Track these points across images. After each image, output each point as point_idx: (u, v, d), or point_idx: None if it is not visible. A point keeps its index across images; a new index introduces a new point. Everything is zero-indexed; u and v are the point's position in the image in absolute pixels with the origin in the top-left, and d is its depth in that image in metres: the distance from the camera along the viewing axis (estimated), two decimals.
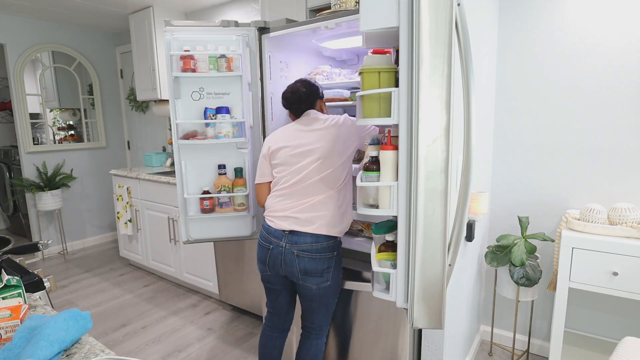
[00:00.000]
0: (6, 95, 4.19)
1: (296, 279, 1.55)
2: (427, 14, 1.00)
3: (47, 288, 1.25)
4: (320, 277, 1.53)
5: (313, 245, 1.49)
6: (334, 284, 1.58)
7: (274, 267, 1.58)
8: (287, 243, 1.52)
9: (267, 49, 1.98)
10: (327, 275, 1.54)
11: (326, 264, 1.52)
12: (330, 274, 1.54)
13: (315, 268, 1.51)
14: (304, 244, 1.50)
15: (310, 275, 1.52)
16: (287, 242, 1.52)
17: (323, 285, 1.54)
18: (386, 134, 1.21)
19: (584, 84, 1.90)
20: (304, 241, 1.50)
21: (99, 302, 2.97)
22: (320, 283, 1.54)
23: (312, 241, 1.49)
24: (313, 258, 1.50)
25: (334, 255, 1.54)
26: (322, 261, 1.51)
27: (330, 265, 1.53)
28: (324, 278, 1.53)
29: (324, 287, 1.55)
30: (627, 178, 1.85)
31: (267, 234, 1.58)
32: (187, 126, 1.98)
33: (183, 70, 1.88)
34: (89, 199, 4.30)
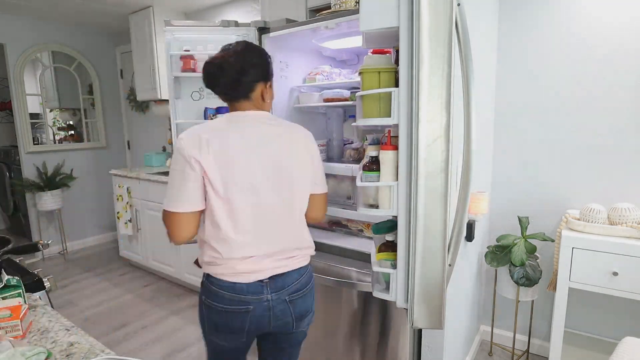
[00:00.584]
0: (6, 95, 4.19)
1: (289, 330, 1.24)
2: (427, 14, 1.00)
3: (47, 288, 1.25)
4: (312, 312, 1.29)
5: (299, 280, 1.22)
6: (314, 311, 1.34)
7: (258, 330, 1.20)
8: (273, 293, 1.16)
9: (267, 49, 1.97)
10: (313, 306, 1.30)
11: (313, 295, 1.29)
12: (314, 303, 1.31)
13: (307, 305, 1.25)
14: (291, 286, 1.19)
15: (304, 317, 1.25)
16: (273, 292, 1.16)
17: (312, 319, 1.31)
18: (386, 134, 1.21)
19: (584, 84, 1.90)
20: (288, 282, 1.19)
21: (99, 302, 2.97)
22: (311, 319, 1.30)
23: (297, 277, 1.21)
24: (304, 296, 1.23)
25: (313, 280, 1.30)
26: (311, 295, 1.27)
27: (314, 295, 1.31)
28: (312, 312, 1.30)
29: (311, 321, 1.31)
30: (627, 178, 1.85)
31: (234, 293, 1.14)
32: (188, 126, 1.98)
33: (183, 70, 1.88)
34: (89, 199, 4.30)
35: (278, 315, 1.19)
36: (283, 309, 1.19)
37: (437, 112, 1.03)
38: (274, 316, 1.18)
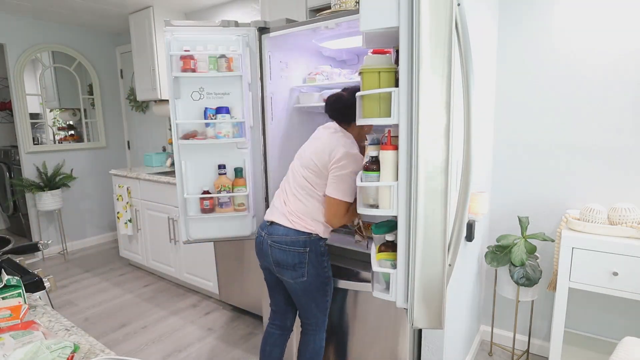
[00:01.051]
0: (6, 95, 4.20)
1: (274, 271, 1.60)
2: (427, 14, 1.00)
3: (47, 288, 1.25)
4: (294, 271, 1.54)
5: (283, 237, 1.53)
6: (314, 281, 1.57)
7: (259, 257, 1.65)
8: (266, 233, 1.58)
9: (267, 49, 1.97)
10: (300, 271, 1.54)
11: (297, 258, 1.53)
12: (304, 270, 1.54)
13: (286, 260, 1.54)
14: (276, 235, 1.55)
15: (282, 267, 1.56)
16: (266, 233, 1.58)
17: (299, 280, 1.55)
18: (386, 134, 1.21)
19: (584, 84, 1.90)
20: (276, 232, 1.55)
21: (99, 302, 2.97)
22: (296, 277, 1.55)
23: (283, 233, 1.54)
24: (283, 250, 1.54)
25: (306, 251, 1.53)
26: (292, 254, 1.53)
27: (303, 261, 1.53)
28: (298, 273, 1.54)
29: (301, 282, 1.56)
30: (627, 178, 1.85)
31: (261, 225, 1.67)
32: (187, 126, 1.98)
33: (183, 70, 1.88)
34: (89, 199, 4.30)
35: (264, 252, 1.60)
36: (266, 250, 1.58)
37: (437, 112, 1.03)
38: (263, 251, 1.61)
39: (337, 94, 1.63)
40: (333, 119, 1.65)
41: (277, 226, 1.56)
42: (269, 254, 1.57)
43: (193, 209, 2.03)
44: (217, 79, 1.94)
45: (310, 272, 1.55)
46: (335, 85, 2.05)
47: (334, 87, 2.06)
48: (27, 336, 0.81)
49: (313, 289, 1.59)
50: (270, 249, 1.56)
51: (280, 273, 1.58)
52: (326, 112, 1.66)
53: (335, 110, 1.62)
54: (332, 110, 1.64)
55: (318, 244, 1.56)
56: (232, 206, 2.04)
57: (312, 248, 1.54)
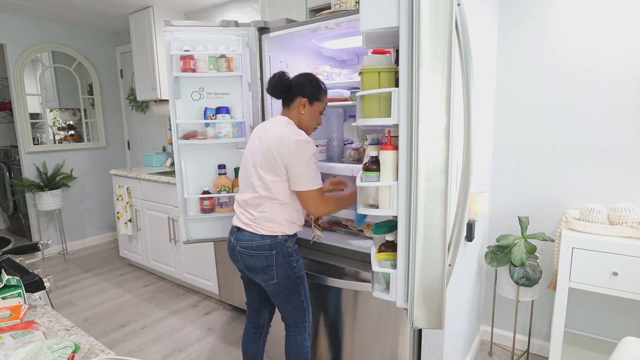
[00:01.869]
0: (6, 95, 4.20)
1: (247, 274, 1.63)
2: (427, 14, 1.00)
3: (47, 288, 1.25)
4: (263, 274, 1.55)
5: (250, 242, 1.53)
6: (284, 283, 1.57)
7: (232, 260, 1.65)
8: (235, 239, 1.58)
9: (267, 49, 1.97)
10: (270, 274, 1.54)
11: (265, 261, 1.53)
12: (273, 273, 1.54)
13: (254, 265, 1.54)
14: (243, 241, 1.55)
15: (252, 271, 1.57)
16: (235, 239, 1.58)
17: (270, 282, 1.56)
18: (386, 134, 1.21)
19: (584, 84, 1.90)
20: (243, 238, 1.55)
21: (99, 302, 2.97)
22: (266, 280, 1.56)
23: (249, 239, 1.53)
24: (251, 255, 1.54)
25: (273, 254, 1.53)
26: (259, 259, 1.53)
27: (271, 264, 1.53)
28: (268, 276, 1.55)
29: (273, 284, 1.57)
30: (627, 178, 1.85)
31: (230, 229, 1.66)
32: (187, 126, 1.98)
33: (183, 70, 1.88)
34: (89, 199, 4.30)
35: (236, 257, 1.60)
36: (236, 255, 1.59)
37: (437, 112, 1.03)
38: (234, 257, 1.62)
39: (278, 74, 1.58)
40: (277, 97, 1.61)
41: (243, 232, 1.55)
42: (239, 259, 1.58)
43: (193, 209, 2.03)
44: (217, 79, 1.94)
45: (279, 274, 1.55)
46: (335, 85, 2.05)
47: (334, 87, 2.06)
48: (27, 336, 0.81)
49: (285, 290, 1.58)
50: (240, 255, 1.57)
51: (252, 276, 1.60)
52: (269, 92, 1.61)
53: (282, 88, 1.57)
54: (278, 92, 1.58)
55: (285, 245, 1.55)
56: (232, 206, 2.04)
57: (278, 250, 1.53)
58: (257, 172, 1.52)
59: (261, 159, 1.51)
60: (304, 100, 1.57)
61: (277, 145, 1.47)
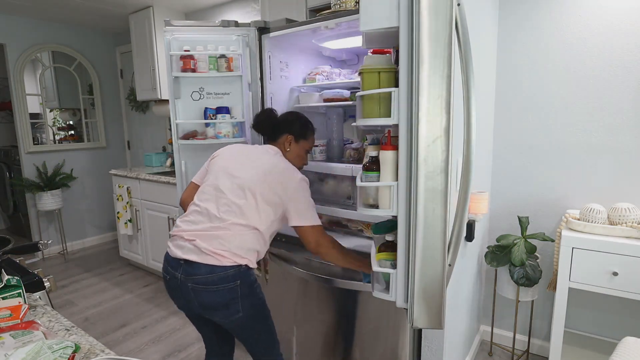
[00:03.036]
0: (6, 95, 4.20)
1: (200, 313, 1.36)
2: (427, 14, 1.00)
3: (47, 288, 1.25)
4: (226, 309, 1.32)
5: (210, 277, 1.28)
6: (251, 314, 1.37)
7: (174, 298, 1.39)
8: (182, 275, 1.30)
9: (267, 49, 1.98)
10: (234, 307, 1.32)
11: (229, 295, 1.30)
12: (238, 306, 1.33)
13: (216, 301, 1.30)
14: (200, 276, 1.28)
15: (212, 309, 1.32)
16: (183, 274, 1.30)
17: (234, 317, 1.34)
18: (386, 134, 1.21)
19: (584, 84, 1.90)
20: (199, 272, 1.28)
21: (99, 302, 2.97)
22: (230, 316, 1.34)
23: (208, 272, 1.28)
24: (210, 291, 1.29)
25: (237, 284, 1.31)
26: (222, 293, 1.30)
27: (235, 297, 1.31)
28: (232, 310, 1.32)
29: (237, 318, 1.35)
30: (627, 178, 1.85)
31: (165, 262, 1.38)
32: (187, 126, 1.98)
33: (183, 70, 1.88)
34: (89, 199, 4.30)
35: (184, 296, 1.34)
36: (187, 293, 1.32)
37: (437, 112, 1.03)
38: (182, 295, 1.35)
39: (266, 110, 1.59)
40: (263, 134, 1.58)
41: (197, 265, 1.29)
42: (192, 297, 1.31)
43: None
44: (217, 79, 1.94)
45: (245, 306, 1.34)
46: (335, 85, 2.05)
47: (334, 87, 2.06)
48: (27, 336, 0.81)
49: (251, 322, 1.39)
50: (194, 293, 1.30)
51: (211, 315, 1.35)
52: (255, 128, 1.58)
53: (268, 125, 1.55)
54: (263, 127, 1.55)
55: (248, 273, 1.35)
56: None
57: (242, 280, 1.33)
58: (242, 195, 1.35)
59: (259, 185, 1.36)
60: (290, 138, 1.52)
61: (281, 175, 1.39)
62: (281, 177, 1.39)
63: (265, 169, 1.40)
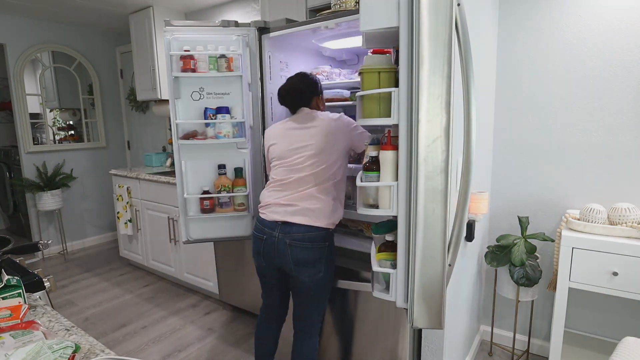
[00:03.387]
0: (6, 95, 4.19)
1: (289, 270, 1.56)
2: (427, 14, 1.00)
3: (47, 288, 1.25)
4: (313, 267, 1.54)
5: (305, 235, 1.51)
6: (326, 276, 1.59)
7: (268, 258, 1.60)
8: (280, 233, 1.54)
9: (267, 49, 1.98)
10: (319, 266, 1.55)
11: (318, 254, 1.53)
12: (322, 265, 1.55)
13: (308, 258, 1.53)
14: (296, 234, 1.51)
15: (302, 265, 1.54)
16: (280, 232, 1.54)
17: (316, 276, 1.55)
18: (386, 134, 1.21)
19: (584, 84, 1.90)
20: (296, 231, 1.52)
21: (99, 302, 2.97)
22: (314, 274, 1.55)
23: (304, 231, 1.51)
24: (305, 248, 1.52)
25: (326, 245, 1.55)
26: (314, 250, 1.53)
27: (323, 256, 1.55)
28: (317, 269, 1.55)
29: (317, 278, 1.56)
30: (627, 178, 1.85)
31: (261, 225, 1.61)
32: (187, 126, 1.98)
33: (183, 70, 1.88)
34: (89, 199, 4.30)
35: (280, 252, 1.54)
36: (284, 249, 1.53)
37: (437, 112, 1.03)
38: (277, 251, 1.55)
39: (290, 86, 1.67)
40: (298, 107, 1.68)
41: (293, 225, 1.52)
42: (287, 253, 1.53)
43: (193, 209, 2.03)
44: (217, 79, 1.94)
45: (326, 268, 1.57)
46: (335, 85, 2.05)
47: (334, 87, 2.06)
48: (27, 336, 0.81)
49: (323, 285, 1.59)
50: (290, 249, 1.52)
51: (299, 272, 1.55)
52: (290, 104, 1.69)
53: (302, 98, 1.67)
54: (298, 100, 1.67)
55: (333, 237, 1.60)
56: (232, 206, 2.04)
57: (330, 242, 1.58)
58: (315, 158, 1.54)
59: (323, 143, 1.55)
60: (318, 98, 1.71)
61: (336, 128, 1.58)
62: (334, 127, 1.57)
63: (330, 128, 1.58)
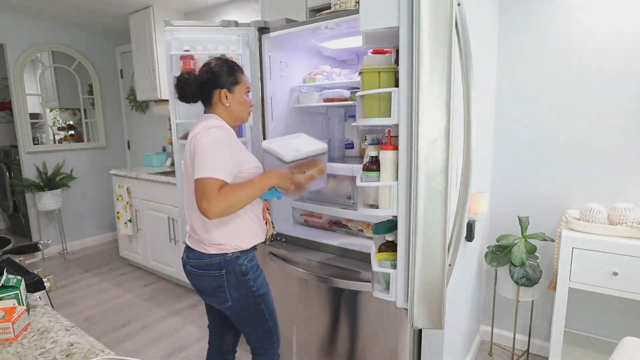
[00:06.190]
0: (6, 95, 4.19)
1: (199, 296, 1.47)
2: (427, 14, 1.00)
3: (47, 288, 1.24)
4: (215, 296, 1.39)
5: (198, 262, 1.37)
6: (241, 305, 1.40)
7: None
8: (185, 257, 1.44)
9: (267, 49, 1.97)
10: (222, 296, 1.37)
11: (215, 282, 1.36)
12: (226, 294, 1.37)
13: (204, 286, 1.39)
14: (192, 260, 1.39)
15: (203, 294, 1.43)
16: (185, 257, 1.44)
17: (224, 305, 1.40)
18: (386, 134, 1.21)
19: (584, 84, 1.89)
20: (192, 257, 1.40)
21: (99, 302, 2.97)
22: (220, 304, 1.40)
23: (196, 257, 1.38)
24: (199, 275, 1.39)
25: (223, 274, 1.35)
26: (208, 280, 1.37)
27: (222, 285, 1.36)
28: (220, 298, 1.38)
29: (227, 307, 1.40)
30: (627, 178, 1.85)
31: None
32: (187, 126, 1.98)
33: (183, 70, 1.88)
34: (89, 199, 4.30)
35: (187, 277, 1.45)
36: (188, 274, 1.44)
37: (437, 112, 1.03)
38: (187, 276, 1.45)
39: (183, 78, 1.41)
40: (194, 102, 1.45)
41: (191, 251, 1.40)
42: (190, 279, 1.44)
43: None
44: None
45: (233, 296, 1.38)
46: (335, 85, 2.05)
47: (334, 87, 2.06)
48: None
49: (243, 313, 1.42)
50: (190, 275, 1.43)
51: (204, 299, 1.47)
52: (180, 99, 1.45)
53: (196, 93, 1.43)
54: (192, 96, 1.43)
55: (236, 263, 1.36)
56: None
57: (228, 270, 1.35)
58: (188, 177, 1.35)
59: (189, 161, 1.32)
60: (223, 92, 1.38)
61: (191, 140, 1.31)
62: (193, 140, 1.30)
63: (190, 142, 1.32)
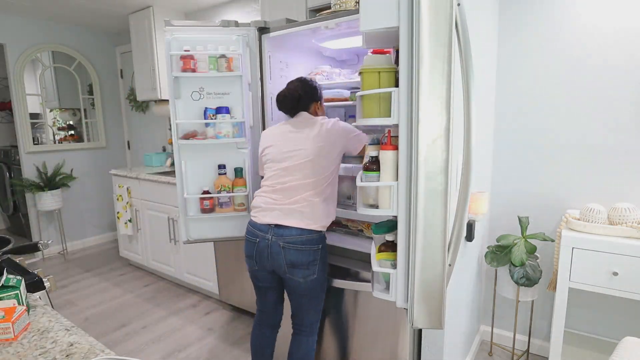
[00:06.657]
0: (6, 95, 4.20)
1: (282, 272, 1.58)
2: (427, 14, 1.00)
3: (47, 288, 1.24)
4: (307, 269, 1.56)
5: (298, 237, 1.53)
6: (320, 277, 1.61)
7: (260, 261, 1.61)
8: (273, 236, 1.55)
9: (267, 49, 1.97)
10: (313, 268, 1.57)
11: (312, 256, 1.55)
12: (316, 267, 1.57)
13: (301, 260, 1.55)
14: (290, 237, 1.53)
15: (296, 267, 1.56)
16: (274, 235, 1.55)
17: (310, 278, 1.57)
18: (386, 133, 1.21)
19: (584, 84, 1.89)
20: (289, 234, 1.53)
21: (99, 302, 2.97)
22: (307, 276, 1.57)
23: (297, 234, 1.53)
24: (299, 250, 1.54)
25: (319, 248, 1.57)
26: (308, 253, 1.55)
27: (316, 258, 1.57)
28: (310, 271, 1.57)
29: (311, 280, 1.58)
30: (627, 178, 1.85)
31: (253, 228, 1.62)
32: (187, 126, 1.98)
33: (183, 70, 1.88)
34: (89, 199, 4.30)
35: (274, 254, 1.56)
36: (277, 252, 1.55)
37: (437, 112, 1.03)
38: (271, 254, 1.57)
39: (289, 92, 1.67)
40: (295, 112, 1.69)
41: (286, 228, 1.54)
42: (281, 255, 1.55)
43: (193, 209, 2.03)
44: (217, 79, 1.94)
45: (320, 269, 1.59)
46: (335, 85, 2.05)
47: (334, 87, 2.06)
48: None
49: (318, 286, 1.61)
50: (284, 251, 1.54)
51: (293, 273, 1.57)
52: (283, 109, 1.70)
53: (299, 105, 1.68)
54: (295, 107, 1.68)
55: (325, 240, 1.62)
56: (232, 206, 2.04)
57: (323, 244, 1.59)
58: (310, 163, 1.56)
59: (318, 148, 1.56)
60: (316, 104, 1.72)
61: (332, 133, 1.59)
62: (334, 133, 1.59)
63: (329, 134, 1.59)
